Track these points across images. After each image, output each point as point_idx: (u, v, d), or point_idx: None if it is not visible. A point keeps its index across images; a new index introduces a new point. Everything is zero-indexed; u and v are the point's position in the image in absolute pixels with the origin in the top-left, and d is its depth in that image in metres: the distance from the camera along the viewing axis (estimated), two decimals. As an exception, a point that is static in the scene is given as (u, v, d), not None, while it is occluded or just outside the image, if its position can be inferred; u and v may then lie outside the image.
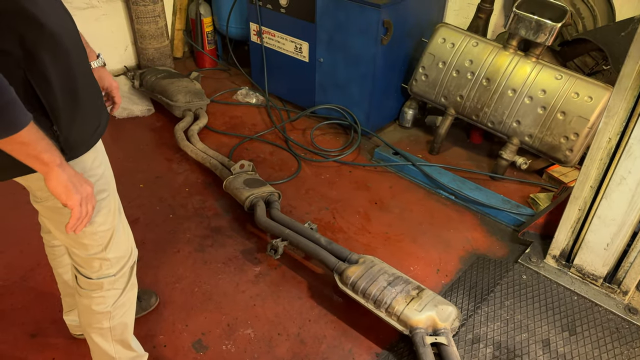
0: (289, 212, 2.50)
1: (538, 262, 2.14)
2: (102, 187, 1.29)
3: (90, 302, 1.43)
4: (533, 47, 2.57)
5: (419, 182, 2.76)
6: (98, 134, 1.26)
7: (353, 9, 2.71)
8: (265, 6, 3.11)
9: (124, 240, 1.43)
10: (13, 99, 0.94)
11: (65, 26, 1.12)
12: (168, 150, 2.93)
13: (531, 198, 2.59)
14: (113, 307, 1.46)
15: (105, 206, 1.31)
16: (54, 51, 1.06)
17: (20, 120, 0.95)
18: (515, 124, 2.63)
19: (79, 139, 1.18)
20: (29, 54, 1.01)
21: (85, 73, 1.19)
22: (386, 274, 1.94)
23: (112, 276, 1.41)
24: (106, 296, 1.43)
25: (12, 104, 0.94)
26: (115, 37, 3.61)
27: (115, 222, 1.37)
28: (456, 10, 3.19)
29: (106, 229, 1.33)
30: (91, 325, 1.49)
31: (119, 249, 1.40)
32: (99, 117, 1.27)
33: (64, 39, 1.09)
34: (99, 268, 1.38)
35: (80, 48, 1.18)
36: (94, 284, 1.40)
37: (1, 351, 1.81)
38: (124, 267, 1.44)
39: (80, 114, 1.17)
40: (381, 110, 3.12)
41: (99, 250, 1.34)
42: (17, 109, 0.95)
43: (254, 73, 3.53)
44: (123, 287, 1.47)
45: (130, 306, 1.55)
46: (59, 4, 1.16)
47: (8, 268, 2.13)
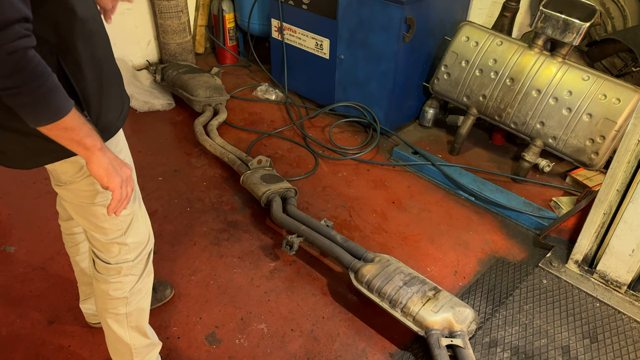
0: (305, 208, 2.48)
1: (559, 267, 2.08)
2: None
3: (107, 287, 1.44)
4: (560, 47, 2.50)
5: (438, 183, 2.72)
6: (122, 118, 1.28)
7: (375, 6, 2.69)
8: (287, 2, 3.11)
9: (143, 226, 1.44)
10: (56, 85, 0.96)
11: (91, 11, 1.13)
12: (187, 144, 2.94)
13: (554, 201, 2.53)
14: (130, 293, 1.47)
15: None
16: (84, 37, 1.08)
17: (64, 106, 0.97)
18: (539, 125, 2.56)
19: (107, 123, 1.20)
20: (62, 40, 1.03)
21: (108, 58, 1.20)
22: (402, 274, 1.91)
23: (130, 261, 1.42)
24: (124, 282, 1.44)
25: (56, 90, 0.95)
26: (139, 31, 3.65)
27: (135, 208, 1.38)
28: (481, 8, 3.13)
29: (127, 214, 1.35)
30: (107, 310, 1.49)
31: (137, 234, 1.41)
32: (122, 102, 1.29)
33: (92, 24, 1.10)
34: (117, 253, 1.39)
35: (103, 33, 1.19)
36: (112, 268, 1.41)
37: (20, 337, 1.84)
38: (142, 252, 1.45)
39: (106, 98, 1.18)
40: (401, 109, 3.09)
41: (118, 234, 1.36)
42: (61, 95, 0.97)
43: (274, 70, 3.53)
44: (140, 273, 1.48)
45: (147, 293, 1.56)
46: None
47: (28, 255, 2.16)
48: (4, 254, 2.17)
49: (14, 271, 2.09)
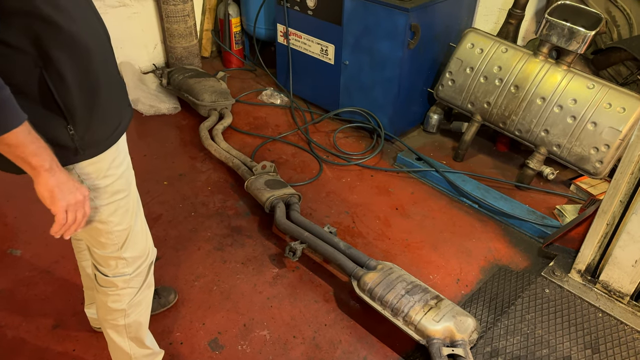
0: (308, 214, 2.49)
1: (562, 276, 2.08)
2: (120, 187, 1.29)
3: (106, 299, 1.45)
4: (565, 54, 2.50)
5: (442, 189, 2.72)
6: (117, 134, 1.25)
7: (380, 12, 2.69)
8: (293, 8, 3.12)
9: (141, 240, 1.44)
10: (4, 101, 0.93)
11: (88, 26, 1.12)
12: (192, 148, 2.96)
13: (558, 209, 2.52)
14: (128, 305, 1.47)
15: (123, 206, 1.32)
16: (73, 51, 1.05)
17: (7, 122, 0.94)
18: (543, 133, 2.56)
19: (96, 138, 1.18)
20: (45, 53, 1.01)
21: (108, 73, 1.19)
22: (404, 282, 1.92)
23: (127, 275, 1.42)
24: (122, 294, 1.45)
25: (3, 104, 0.92)
26: (145, 35, 3.68)
27: (132, 223, 1.37)
28: (486, 15, 3.13)
29: (122, 229, 1.34)
30: (107, 321, 1.51)
31: (135, 248, 1.41)
32: (120, 117, 1.26)
33: (86, 39, 1.09)
34: (115, 266, 1.39)
35: (105, 48, 1.18)
36: (109, 281, 1.42)
37: (25, 340, 1.86)
38: (140, 266, 1.45)
39: (99, 113, 1.16)
40: (405, 115, 3.09)
41: (114, 249, 1.36)
42: (7, 111, 0.93)
43: (279, 74, 3.54)
44: (139, 286, 1.48)
45: (146, 305, 1.56)
46: (87, 3, 1.15)
47: (35, 259, 2.19)
48: (10, 257, 2.19)
49: (20, 274, 2.11)
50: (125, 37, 3.53)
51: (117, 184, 1.27)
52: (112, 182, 1.26)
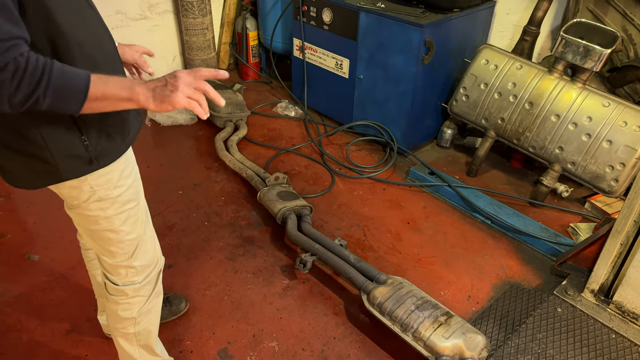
0: (320, 226, 2.51)
1: (575, 296, 2.05)
2: (130, 196, 1.32)
3: (117, 307, 1.47)
4: (580, 72, 2.49)
5: (455, 204, 2.72)
6: (128, 142, 1.28)
7: (395, 28, 2.72)
8: (309, 23, 3.17)
9: (151, 249, 1.46)
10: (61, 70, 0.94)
11: (98, 39, 1.15)
12: (208, 158, 3.01)
13: (571, 227, 2.50)
14: (138, 314, 1.50)
15: (133, 215, 1.35)
16: (82, 60, 1.07)
17: (80, 82, 0.96)
18: (557, 150, 2.55)
19: (107, 148, 1.20)
20: (56, 56, 1.02)
21: None
22: (414, 297, 1.91)
23: (137, 284, 1.45)
24: (132, 303, 1.47)
25: (63, 73, 0.94)
26: (165, 47, 3.77)
27: (142, 232, 1.40)
28: (501, 31, 3.14)
29: (132, 238, 1.37)
30: (118, 329, 1.54)
31: (145, 257, 1.43)
32: (129, 126, 1.28)
33: (94, 51, 1.11)
34: (125, 275, 1.42)
35: (113, 59, 1.22)
36: (120, 290, 1.44)
37: (39, 344, 1.90)
38: (149, 275, 1.48)
39: (110, 122, 1.19)
40: (419, 129, 3.10)
41: (125, 258, 1.38)
42: (71, 75, 0.96)
43: (294, 87, 3.59)
44: (148, 294, 1.50)
45: (156, 313, 1.58)
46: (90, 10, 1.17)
47: (52, 264, 2.24)
48: (28, 262, 2.25)
49: (37, 279, 2.16)
50: (146, 49, 3.61)
51: (127, 193, 1.31)
52: (123, 192, 1.29)
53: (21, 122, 1.07)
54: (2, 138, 1.11)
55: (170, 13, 3.66)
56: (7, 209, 2.55)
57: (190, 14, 3.49)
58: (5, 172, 1.21)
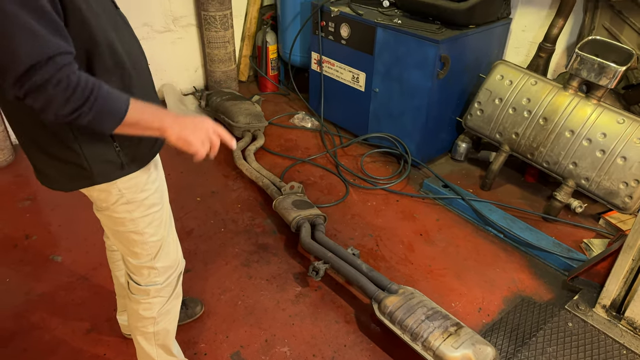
0: (333, 235, 2.56)
1: (586, 311, 2.05)
2: (155, 200, 1.38)
3: (138, 307, 1.53)
4: (595, 89, 2.51)
5: (468, 217, 2.74)
6: (156, 150, 1.35)
7: (411, 43, 2.78)
8: (327, 37, 3.26)
9: (173, 251, 1.52)
10: (107, 93, 1.02)
11: (132, 53, 1.22)
12: (226, 167, 3.09)
13: (585, 243, 2.50)
14: (158, 314, 1.55)
15: (158, 218, 1.41)
16: (117, 78, 1.15)
17: (119, 107, 1.04)
18: (571, 165, 2.56)
19: (137, 155, 1.28)
20: (92, 72, 1.09)
21: (146, 95, 1.26)
22: (425, 307, 1.94)
23: (158, 285, 1.50)
24: (153, 302, 1.53)
25: (108, 96, 1.02)
26: (188, 59, 3.89)
27: (165, 234, 1.45)
28: (517, 48, 3.18)
29: (156, 240, 1.42)
30: (137, 328, 1.60)
31: (167, 259, 1.49)
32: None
33: (129, 63, 1.18)
34: (147, 275, 1.48)
35: (144, 72, 1.29)
36: (142, 290, 1.50)
37: (60, 342, 1.97)
38: (171, 276, 1.53)
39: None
40: (433, 142, 3.14)
41: (148, 259, 1.44)
42: (114, 99, 1.04)
43: (311, 99, 3.67)
44: (169, 295, 1.56)
45: (174, 314, 1.64)
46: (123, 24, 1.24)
47: (74, 265, 2.32)
48: (52, 263, 2.34)
49: (60, 280, 2.25)
50: (169, 61, 3.74)
51: (152, 197, 1.37)
52: (148, 196, 1.35)
53: (60, 131, 1.15)
54: (41, 144, 1.20)
55: (194, 26, 3.78)
56: (34, 212, 2.66)
57: (213, 27, 3.61)
58: (42, 175, 1.29)
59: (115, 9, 1.22)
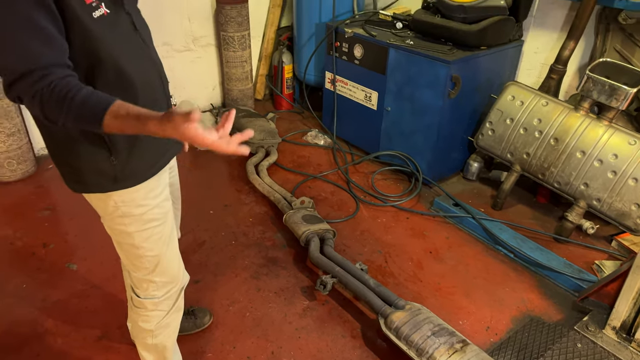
0: (342, 250, 2.58)
1: (596, 332, 2.03)
2: (154, 216, 1.37)
3: (138, 318, 1.56)
4: (606, 110, 2.52)
5: (478, 236, 2.73)
6: (156, 169, 1.33)
7: (423, 64, 2.84)
8: (341, 57, 3.33)
9: (173, 267, 1.51)
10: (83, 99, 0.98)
11: (142, 69, 1.21)
12: (239, 181, 3.15)
13: (597, 265, 2.47)
14: (156, 327, 1.56)
15: (157, 234, 1.39)
16: (119, 87, 1.14)
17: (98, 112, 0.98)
18: (582, 186, 2.55)
19: (135, 171, 1.27)
20: (91, 79, 1.10)
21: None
22: (431, 324, 1.94)
23: (156, 298, 1.50)
24: (151, 315, 1.54)
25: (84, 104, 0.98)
26: (206, 77, 4.01)
27: (164, 251, 1.43)
28: (529, 69, 3.20)
29: (153, 255, 1.41)
30: (138, 338, 1.64)
31: (165, 274, 1.48)
32: (162, 153, 1.35)
33: (135, 80, 1.18)
34: (146, 288, 1.48)
35: (156, 89, 1.29)
36: (141, 303, 1.51)
37: (72, 348, 2.02)
38: (170, 291, 1.52)
39: (141, 148, 1.25)
40: (445, 161, 3.16)
41: (146, 272, 1.44)
42: (92, 104, 0.99)
43: (324, 117, 3.73)
44: (168, 309, 1.56)
45: (174, 328, 1.65)
46: (141, 44, 1.24)
47: (89, 274, 2.38)
48: (67, 271, 2.40)
49: (74, 288, 2.31)
50: (188, 78, 3.86)
51: (151, 212, 1.35)
52: (147, 211, 1.34)
53: (64, 135, 1.19)
54: (50, 147, 1.26)
55: (213, 46, 3.91)
56: (52, 221, 2.74)
57: (231, 47, 3.72)
58: (60, 171, 1.32)
59: (134, 30, 1.22)
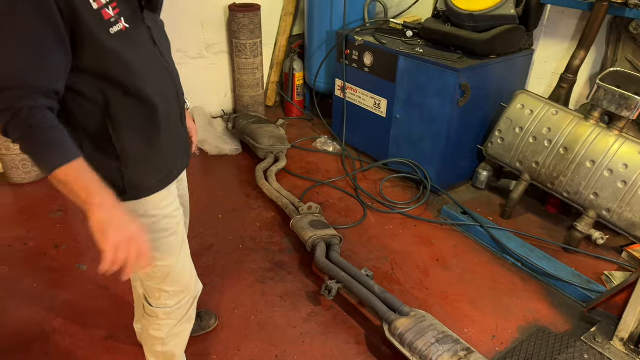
0: (348, 257, 2.58)
1: (604, 343, 2.00)
2: (164, 226, 1.35)
3: (149, 325, 1.57)
4: (616, 120, 2.50)
5: (486, 245, 2.72)
6: (165, 182, 1.32)
7: (432, 72, 2.85)
8: (351, 65, 3.36)
9: (184, 277, 1.50)
10: (49, 142, 0.99)
11: (159, 84, 1.22)
12: (248, 186, 3.18)
13: (606, 275, 2.44)
14: (167, 335, 1.57)
15: (166, 244, 1.37)
16: (137, 105, 1.16)
17: (53, 161, 1.00)
18: (592, 196, 2.53)
19: (144, 183, 1.26)
20: (109, 104, 1.12)
21: (170, 126, 1.28)
22: (436, 331, 1.93)
23: (169, 308, 1.50)
24: (162, 324, 1.55)
25: (47, 146, 0.99)
26: (218, 84, 4.06)
27: (174, 261, 1.42)
28: (539, 78, 3.19)
29: (164, 265, 1.40)
30: (147, 345, 1.65)
31: (177, 283, 1.48)
32: (172, 166, 1.35)
33: (152, 95, 1.18)
34: (159, 297, 1.49)
35: (171, 104, 1.28)
36: (154, 311, 1.52)
37: (80, 347, 2.05)
38: (182, 300, 1.52)
39: (152, 161, 1.26)
40: (453, 169, 3.16)
41: (157, 282, 1.44)
42: (52, 151, 1.00)
43: (334, 124, 3.76)
44: (179, 319, 1.56)
45: (184, 338, 1.65)
46: (159, 59, 1.24)
47: (97, 275, 2.41)
48: (78, 271, 2.44)
49: (83, 288, 2.34)
50: (200, 85, 3.92)
51: (161, 223, 1.34)
52: (157, 221, 1.32)
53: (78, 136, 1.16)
54: None
55: (225, 53, 3.97)
56: (65, 223, 2.79)
57: (243, 54, 3.78)
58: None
59: (153, 45, 1.23)
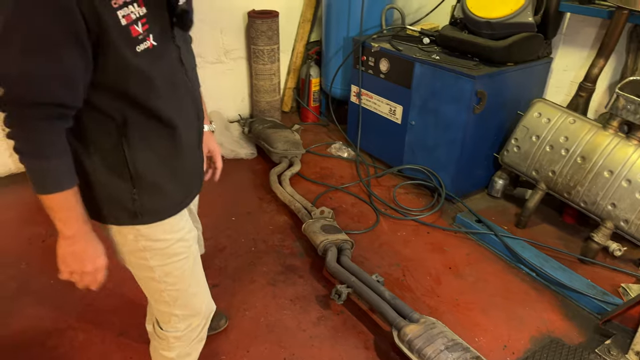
0: (360, 262, 2.58)
1: (618, 356, 1.95)
2: (177, 250, 1.30)
3: (159, 345, 1.53)
4: (636, 129, 2.45)
5: (499, 254, 2.69)
6: (177, 209, 1.28)
7: (448, 78, 2.84)
8: (367, 71, 3.37)
9: (196, 300, 1.45)
10: (48, 169, 1.01)
11: (180, 106, 1.17)
12: (262, 190, 3.21)
13: (623, 288, 2.39)
14: (177, 355, 1.53)
15: (179, 268, 1.33)
16: (156, 127, 1.13)
17: (45, 187, 1.03)
18: (610, 206, 2.48)
19: (157, 209, 1.22)
20: (127, 123, 1.09)
21: (188, 153, 1.24)
22: (445, 338, 1.92)
23: (179, 332, 1.46)
24: (172, 347, 1.50)
25: (46, 172, 1.02)
26: (236, 89, 4.12)
27: (186, 285, 1.38)
28: (557, 87, 3.16)
29: (175, 289, 1.36)
30: None
31: (187, 307, 1.43)
32: (186, 192, 1.31)
33: (172, 117, 1.14)
34: (168, 321, 1.44)
35: (191, 125, 1.24)
36: (163, 334, 1.47)
37: (93, 343, 2.09)
38: (192, 324, 1.47)
39: (166, 187, 1.22)
40: (468, 177, 3.13)
41: (166, 306, 1.40)
42: (46, 179, 1.02)
43: (349, 130, 3.77)
44: (190, 341, 1.52)
45: (194, 357, 1.61)
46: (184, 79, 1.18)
47: (110, 274, 2.45)
48: (94, 269, 2.49)
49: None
50: (218, 89, 3.98)
51: (174, 247, 1.29)
52: (168, 246, 1.28)
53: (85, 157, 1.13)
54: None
55: (243, 59, 4.02)
56: (82, 221, 2.85)
57: (261, 60, 3.82)
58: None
59: (180, 65, 1.17)
